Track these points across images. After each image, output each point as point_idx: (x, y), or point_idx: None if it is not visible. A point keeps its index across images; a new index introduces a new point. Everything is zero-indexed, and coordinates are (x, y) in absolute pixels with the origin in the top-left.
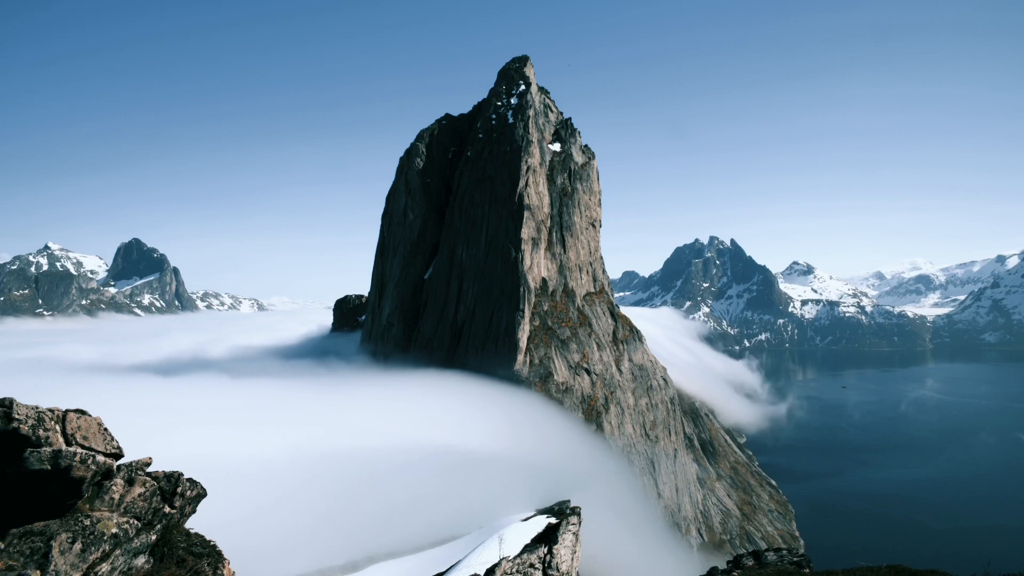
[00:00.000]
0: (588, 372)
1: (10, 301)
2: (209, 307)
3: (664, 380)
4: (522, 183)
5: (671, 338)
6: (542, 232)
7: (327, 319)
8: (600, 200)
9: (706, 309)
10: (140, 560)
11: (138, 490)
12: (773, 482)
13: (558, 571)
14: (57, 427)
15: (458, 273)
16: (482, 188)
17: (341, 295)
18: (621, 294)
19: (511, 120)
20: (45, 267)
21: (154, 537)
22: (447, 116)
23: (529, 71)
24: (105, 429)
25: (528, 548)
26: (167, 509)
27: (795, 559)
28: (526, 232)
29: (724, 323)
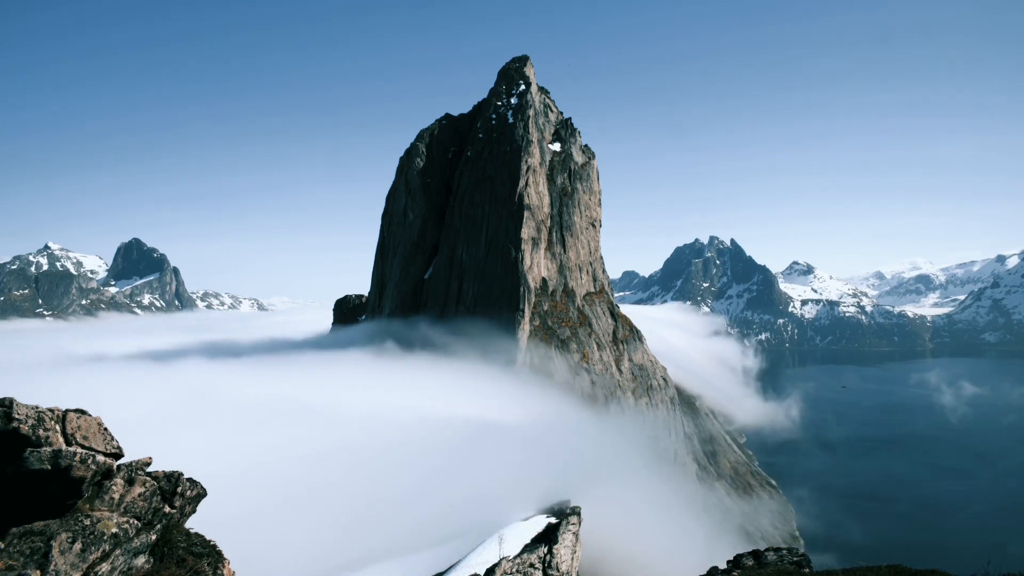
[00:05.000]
0: (588, 372)
1: (10, 301)
2: (209, 307)
3: (664, 380)
4: (522, 183)
5: (679, 335)
6: (542, 232)
7: (327, 319)
8: (600, 200)
9: (706, 309)
10: (140, 560)
11: (138, 490)
12: (773, 482)
13: (558, 571)
14: (57, 427)
15: (458, 273)
16: (482, 188)
17: (341, 295)
18: (621, 294)
19: (511, 120)
20: (45, 267)
21: (154, 537)
22: (447, 116)
23: (529, 71)
24: (105, 429)
25: (528, 548)
26: (167, 509)
27: (795, 559)
28: (526, 232)
29: (724, 323)
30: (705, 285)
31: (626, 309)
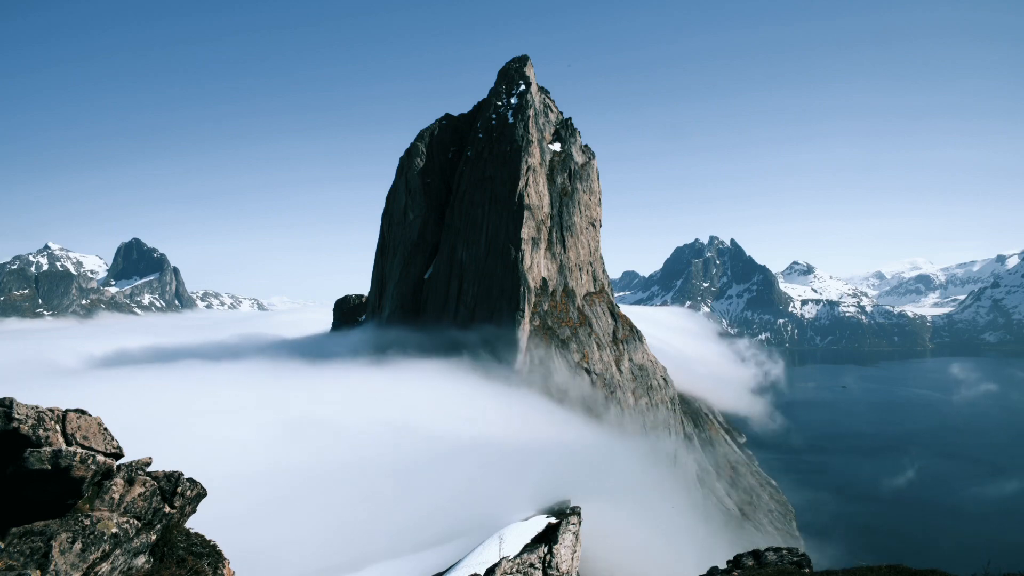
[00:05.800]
0: (588, 372)
1: (10, 301)
2: (209, 307)
3: (664, 380)
4: (522, 183)
5: (678, 336)
6: (542, 232)
7: (328, 319)
8: (600, 200)
9: (706, 309)
10: (140, 560)
11: (138, 490)
12: (773, 482)
13: (558, 571)
14: (57, 427)
15: (458, 273)
16: (482, 188)
17: (341, 295)
18: (621, 294)
19: (511, 120)
20: (45, 267)
21: (154, 537)
22: (447, 116)
23: (529, 71)
24: (105, 429)
25: (528, 548)
26: (167, 509)
27: (795, 559)
28: (526, 232)
29: (724, 323)
30: (705, 285)
31: (626, 309)
